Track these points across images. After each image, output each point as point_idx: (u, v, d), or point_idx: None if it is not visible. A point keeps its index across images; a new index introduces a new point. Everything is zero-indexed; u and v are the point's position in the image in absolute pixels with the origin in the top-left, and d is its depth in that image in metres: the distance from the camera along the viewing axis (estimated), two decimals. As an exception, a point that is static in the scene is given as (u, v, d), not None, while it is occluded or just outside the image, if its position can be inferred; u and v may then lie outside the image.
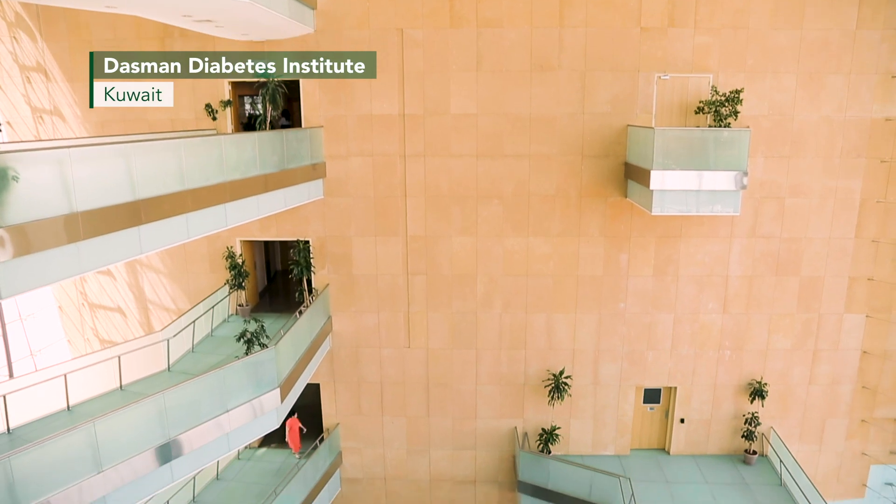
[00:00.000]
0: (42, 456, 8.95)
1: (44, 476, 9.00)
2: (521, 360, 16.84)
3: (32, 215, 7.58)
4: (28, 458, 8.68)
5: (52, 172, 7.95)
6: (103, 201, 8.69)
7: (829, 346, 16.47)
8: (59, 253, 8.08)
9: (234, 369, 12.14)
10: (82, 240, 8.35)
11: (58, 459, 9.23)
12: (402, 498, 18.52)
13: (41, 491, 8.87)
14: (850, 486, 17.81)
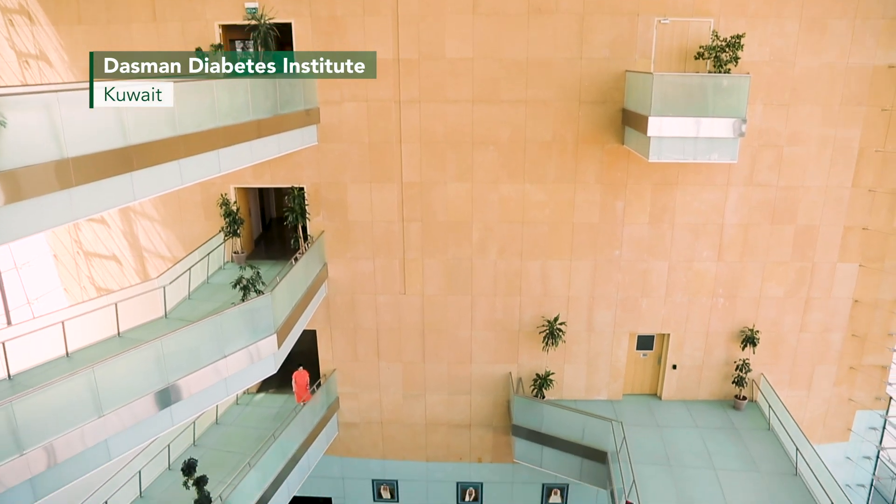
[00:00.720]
0: (43, 401, 9.06)
1: (46, 420, 9.12)
2: (516, 307, 16.97)
3: (22, 161, 7.49)
4: (29, 403, 8.78)
5: (40, 117, 7.82)
6: (94, 147, 8.58)
7: (822, 295, 16.62)
8: (51, 199, 8.02)
9: (231, 316, 12.21)
10: (74, 186, 8.27)
11: (59, 404, 9.35)
12: (398, 442, 18.92)
13: (44, 435, 9.01)
14: (836, 430, 18.23)
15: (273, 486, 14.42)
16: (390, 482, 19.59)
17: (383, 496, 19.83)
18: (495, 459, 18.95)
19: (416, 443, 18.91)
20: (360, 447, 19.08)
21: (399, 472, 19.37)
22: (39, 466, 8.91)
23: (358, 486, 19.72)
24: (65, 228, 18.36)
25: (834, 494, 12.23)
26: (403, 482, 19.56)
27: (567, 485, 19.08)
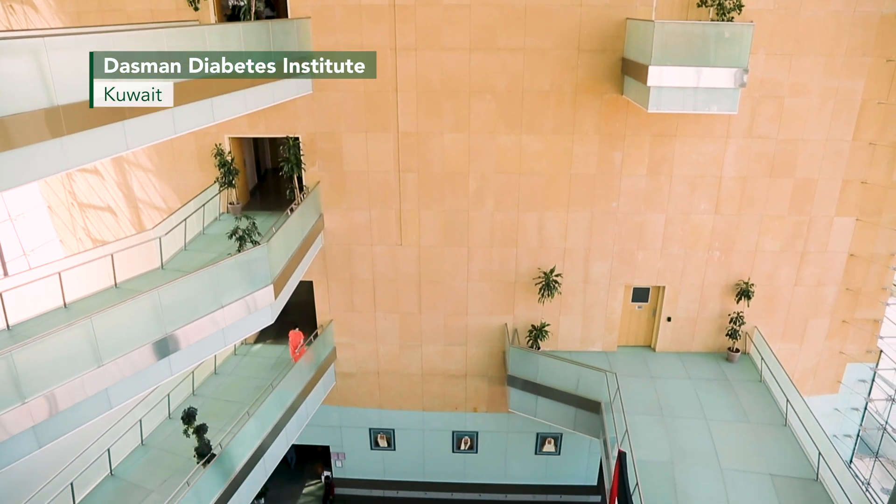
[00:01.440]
0: (43, 351, 9.11)
1: (46, 370, 9.19)
2: (513, 258, 16.99)
3: (11, 109, 7.35)
4: (29, 352, 8.83)
5: (27, 63, 7.63)
6: (85, 95, 8.43)
7: (818, 249, 16.64)
8: (43, 148, 7.91)
9: (228, 266, 12.21)
10: (66, 135, 8.17)
11: (58, 354, 9.40)
12: (394, 391, 19.18)
13: (45, 384, 9.09)
14: (826, 382, 18.50)
15: (272, 435, 14.66)
16: (387, 431, 19.95)
17: (380, 445, 20.21)
18: (490, 409, 19.26)
19: (412, 392, 19.17)
20: (358, 397, 19.36)
21: (396, 421, 19.70)
22: (41, 415, 9.02)
23: (355, 434, 20.08)
24: (58, 179, 18.21)
25: (821, 444, 12.48)
26: (400, 431, 19.91)
27: (561, 434, 19.46)
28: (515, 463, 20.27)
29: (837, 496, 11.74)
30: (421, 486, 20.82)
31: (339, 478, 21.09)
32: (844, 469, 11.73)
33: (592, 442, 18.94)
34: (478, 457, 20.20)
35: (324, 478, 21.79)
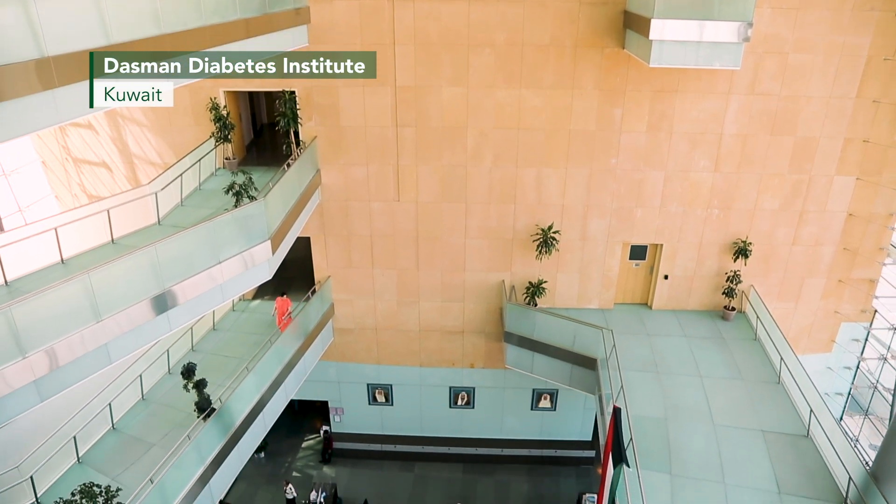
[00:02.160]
0: (42, 306, 9.11)
1: (45, 325, 9.20)
2: (510, 215, 16.93)
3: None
4: (28, 307, 8.82)
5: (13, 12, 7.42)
6: (74, 46, 8.23)
7: (816, 208, 16.59)
8: (34, 101, 7.76)
9: (225, 221, 12.14)
10: (57, 87, 8.00)
11: (57, 309, 9.40)
12: (392, 347, 19.33)
13: (44, 339, 9.12)
14: (820, 341, 18.66)
15: (271, 390, 14.81)
16: (385, 386, 20.17)
17: (378, 400, 20.47)
18: (487, 365, 19.46)
19: (409, 348, 19.33)
20: (355, 353, 19.51)
21: (393, 376, 19.91)
22: (42, 369, 9.07)
23: (353, 390, 20.31)
24: (51, 134, 17.96)
25: (813, 401, 12.64)
26: (397, 386, 20.14)
27: (557, 390, 19.71)
28: (511, 418, 20.57)
29: (827, 452, 11.95)
30: (418, 441, 21.17)
31: (338, 432, 21.42)
32: (835, 426, 11.91)
33: (588, 398, 19.19)
34: (474, 412, 20.49)
35: (323, 432, 22.13)
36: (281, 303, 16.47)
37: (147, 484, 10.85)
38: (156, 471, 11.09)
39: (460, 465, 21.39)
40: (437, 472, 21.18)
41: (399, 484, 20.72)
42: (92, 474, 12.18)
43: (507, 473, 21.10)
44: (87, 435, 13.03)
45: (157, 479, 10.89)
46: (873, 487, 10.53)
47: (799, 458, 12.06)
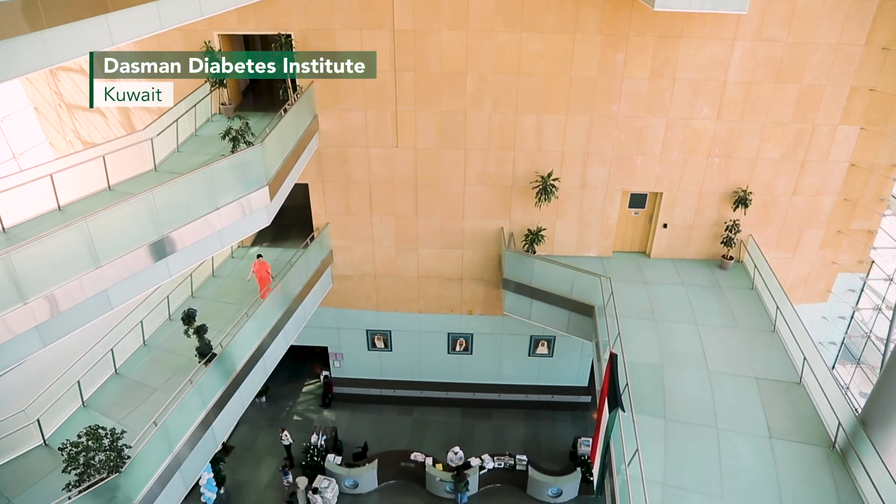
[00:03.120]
0: (40, 252, 9.11)
1: (45, 271, 9.22)
2: (510, 161, 16.79)
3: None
4: (27, 254, 8.83)
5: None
6: (64, -14, 8.02)
7: (818, 158, 16.43)
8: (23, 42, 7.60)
9: (222, 168, 12.05)
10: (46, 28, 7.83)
11: (56, 256, 9.41)
12: (391, 294, 19.44)
13: (44, 286, 9.15)
14: (816, 291, 18.77)
15: (270, 336, 14.95)
16: (384, 332, 20.37)
17: (377, 346, 20.70)
18: (486, 312, 19.61)
19: (408, 295, 19.44)
20: (355, 299, 19.64)
21: (392, 322, 20.09)
22: (43, 315, 9.13)
23: (353, 336, 20.52)
24: (43, 79, 17.65)
25: (807, 349, 12.79)
26: (396, 332, 20.34)
27: (554, 337, 19.93)
28: (509, 364, 20.86)
29: (818, 399, 12.16)
30: (417, 386, 21.52)
31: (338, 377, 21.74)
32: (827, 373, 12.09)
33: (585, 344, 19.42)
34: (472, 358, 20.76)
35: (322, 377, 22.46)
36: (259, 266, 15.66)
37: (151, 427, 11.06)
38: (159, 414, 11.28)
39: (458, 410, 21.80)
40: (436, 416, 21.60)
41: (398, 427, 21.14)
42: (97, 417, 12.39)
43: (505, 418, 21.52)
44: (91, 380, 13.21)
45: (161, 422, 11.08)
46: (861, 432, 10.76)
47: (791, 404, 12.28)
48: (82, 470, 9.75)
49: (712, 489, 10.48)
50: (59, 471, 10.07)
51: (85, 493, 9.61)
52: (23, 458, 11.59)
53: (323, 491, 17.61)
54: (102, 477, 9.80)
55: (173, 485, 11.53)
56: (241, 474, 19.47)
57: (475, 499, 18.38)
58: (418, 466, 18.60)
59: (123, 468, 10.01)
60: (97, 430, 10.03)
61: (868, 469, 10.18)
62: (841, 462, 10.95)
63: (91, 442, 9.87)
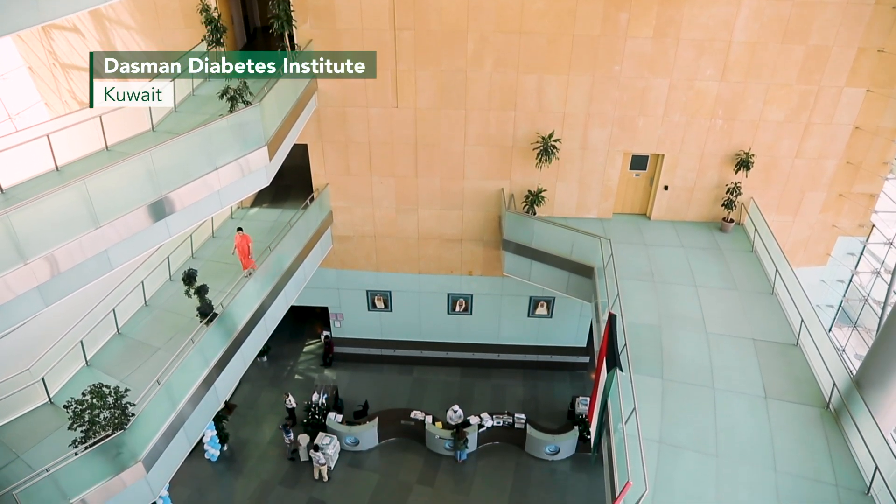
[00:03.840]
0: (40, 213, 9.10)
1: (45, 232, 9.23)
2: (511, 122, 16.64)
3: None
4: (26, 214, 8.82)
5: None
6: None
7: (823, 120, 16.27)
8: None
9: (220, 127, 11.97)
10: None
11: (55, 216, 9.40)
12: (391, 254, 19.47)
13: (44, 246, 9.16)
14: (815, 255, 18.79)
15: (271, 296, 15.02)
16: (384, 293, 20.47)
17: (377, 306, 20.82)
18: (485, 273, 19.67)
19: (408, 256, 19.48)
20: (355, 260, 19.68)
21: (392, 283, 20.17)
22: (44, 275, 9.16)
23: (353, 296, 20.62)
24: (36, 38, 17.35)
25: (805, 311, 12.86)
26: (396, 293, 20.44)
27: (553, 298, 20.02)
28: (508, 325, 21.01)
29: (814, 360, 12.28)
30: (417, 346, 21.71)
31: (338, 337, 21.92)
32: (824, 335, 12.18)
33: (584, 306, 19.54)
34: (472, 318, 20.90)
35: (323, 337, 22.65)
36: (240, 239, 14.91)
37: (154, 385, 11.19)
38: (162, 373, 11.41)
39: (458, 370, 22.04)
40: (435, 375, 21.85)
41: (398, 387, 21.41)
42: (100, 376, 12.52)
43: (503, 377, 21.78)
44: (94, 340, 13.32)
45: (164, 380, 11.21)
46: (855, 393, 10.90)
47: (787, 365, 12.41)
48: (87, 427, 9.90)
49: (707, 447, 10.66)
50: (65, 428, 10.25)
51: (91, 449, 9.77)
52: (29, 416, 11.76)
53: (324, 448, 17.92)
54: (107, 434, 9.95)
55: (177, 442, 11.72)
56: (243, 432, 19.79)
57: (474, 456, 18.71)
58: (418, 424, 18.88)
59: (128, 425, 10.17)
60: (101, 389, 10.15)
61: (860, 428, 10.34)
62: (834, 422, 11.12)
63: (95, 400, 10.00)
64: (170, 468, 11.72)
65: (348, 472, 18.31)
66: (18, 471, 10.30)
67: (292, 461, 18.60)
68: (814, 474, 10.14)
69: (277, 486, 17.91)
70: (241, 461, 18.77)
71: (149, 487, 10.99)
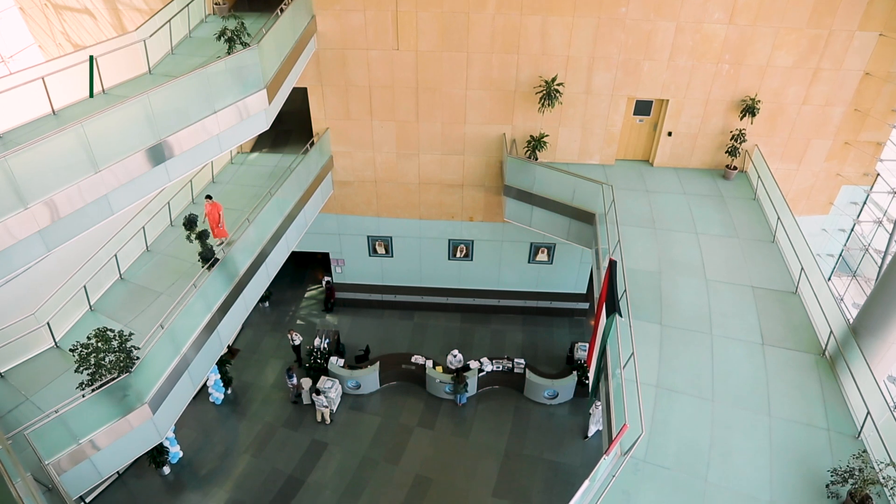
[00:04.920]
0: (38, 157, 9.02)
1: (44, 177, 9.16)
2: (513, 65, 16.33)
3: None
4: (24, 159, 8.73)
5: None
6: None
7: (832, 66, 15.94)
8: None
9: (218, 70, 11.76)
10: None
11: (53, 161, 9.32)
12: (392, 200, 19.40)
13: (44, 191, 9.11)
14: (818, 203, 18.70)
15: (272, 241, 15.03)
16: (385, 238, 20.48)
17: (378, 251, 20.86)
18: (486, 218, 19.65)
19: (409, 201, 19.41)
20: (355, 205, 19.62)
21: (393, 229, 20.16)
22: (45, 220, 9.14)
23: (354, 242, 20.65)
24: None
25: (805, 260, 12.88)
26: (397, 238, 20.45)
27: (554, 244, 20.06)
28: (509, 271, 21.10)
29: (812, 308, 12.37)
30: (417, 291, 21.85)
31: (340, 283, 22.05)
32: (823, 283, 12.23)
33: (584, 252, 19.58)
34: (472, 264, 20.98)
35: (324, 283, 22.78)
36: (210, 207, 14.00)
37: (158, 329, 11.30)
38: (165, 317, 11.51)
39: (458, 315, 22.25)
40: (436, 320, 22.07)
41: (399, 331, 21.65)
42: (104, 321, 12.65)
43: (503, 323, 22.00)
44: (97, 285, 13.39)
45: (167, 325, 11.31)
46: (851, 340, 11.01)
47: (785, 313, 12.50)
48: (94, 370, 10.04)
49: (703, 392, 10.83)
50: (71, 371, 10.40)
51: (98, 391, 9.94)
52: (36, 360, 11.92)
53: (326, 391, 18.24)
54: (113, 377, 10.10)
55: (182, 384, 11.91)
56: (246, 375, 20.11)
57: (473, 400, 19.06)
58: (419, 369, 19.17)
59: (133, 368, 10.31)
60: (106, 332, 10.25)
61: (855, 375, 10.49)
62: (829, 369, 11.27)
63: (101, 343, 10.11)
64: (175, 410, 11.94)
65: (350, 415, 18.68)
66: (28, 412, 10.50)
67: (295, 404, 18.95)
68: (807, 419, 10.34)
69: (280, 428, 18.29)
70: (244, 404, 19.13)
71: (155, 428, 11.21)
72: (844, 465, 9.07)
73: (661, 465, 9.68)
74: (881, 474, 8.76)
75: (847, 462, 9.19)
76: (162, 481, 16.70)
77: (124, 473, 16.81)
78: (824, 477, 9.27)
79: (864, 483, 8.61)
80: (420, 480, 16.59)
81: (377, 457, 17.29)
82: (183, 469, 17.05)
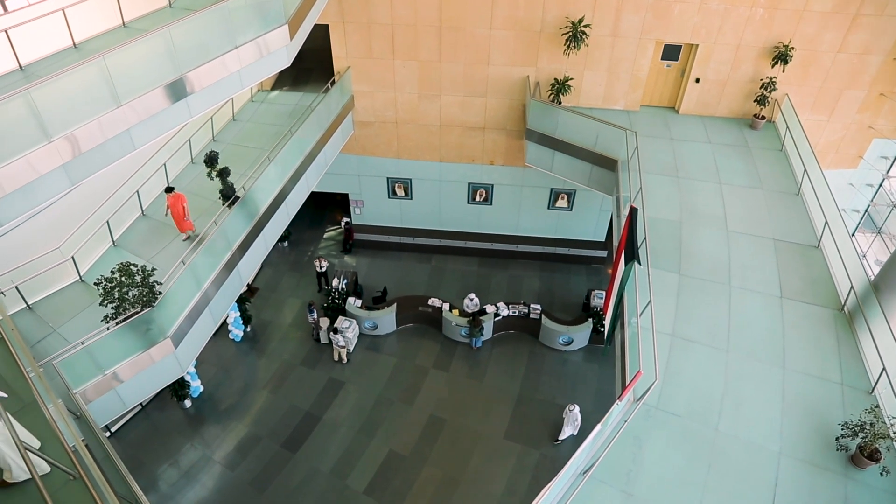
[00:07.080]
0: (58, 90, 8.99)
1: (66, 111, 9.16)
2: (539, 5, 15.88)
3: None
4: (45, 92, 8.71)
5: None
6: None
7: (873, 11, 15.25)
8: None
9: (239, 3, 11.55)
10: None
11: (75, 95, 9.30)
12: (412, 141, 19.25)
13: (67, 125, 9.13)
14: (847, 157, 18.25)
15: (292, 180, 15.03)
16: (404, 180, 20.42)
17: (398, 193, 20.83)
18: (507, 163, 19.47)
19: (429, 143, 19.26)
20: (376, 146, 19.51)
21: (413, 171, 20.07)
22: (66, 155, 9.18)
23: (374, 183, 20.62)
24: None
25: (829, 214, 12.66)
26: (417, 181, 20.38)
27: (574, 191, 19.90)
28: (528, 216, 21.02)
29: (834, 263, 12.23)
30: (436, 234, 21.89)
31: (358, 224, 22.13)
32: (846, 238, 12.04)
33: (604, 200, 19.42)
34: (492, 209, 20.92)
35: (343, 224, 22.87)
36: (173, 200, 12.86)
37: (179, 266, 11.46)
38: (186, 254, 11.64)
39: (475, 259, 22.32)
40: (453, 264, 22.18)
41: (416, 274, 21.80)
42: (127, 256, 12.83)
43: (521, 269, 22.05)
44: (120, 221, 13.53)
45: (189, 261, 11.46)
46: (871, 296, 10.91)
47: (806, 266, 12.38)
48: (118, 304, 10.24)
49: (719, 342, 10.86)
50: (95, 305, 10.61)
51: (122, 325, 10.16)
52: (61, 293, 12.16)
53: (344, 331, 18.52)
54: (137, 311, 10.30)
55: (203, 320, 12.14)
56: (266, 314, 20.45)
57: (489, 343, 19.28)
58: (435, 311, 19.36)
59: (156, 303, 10.50)
60: (129, 267, 10.41)
61: (872, 331, 10.43)
62: (847, 324, 11.21)
63: (124, 278, 10.28)
64: (196, 346, 12.21)
65: (366, 355, 19.01)
66: (56, 343, 10.79)
67: (316, 342, 19.27)
68: (820, 373, 10.35)
69: (298, 366, 18.69)
70: (263, 342, 19.52)
71: (177, 362, 11.50)
72: (856, 420, 9.12)
73: (672, 413, 9.79)
74: (892, 429, 8.81)
75: (859, 416, 9.23)
76: (183, 414, 17.24)
77: (147, 406, 17.36)
78: (835, 430, 9.34)
79: (875, 437, 8.67)
80: (434, 421, 16.96)
81: (392, 396, 17.66)
82: (203, 403, 17.57)
